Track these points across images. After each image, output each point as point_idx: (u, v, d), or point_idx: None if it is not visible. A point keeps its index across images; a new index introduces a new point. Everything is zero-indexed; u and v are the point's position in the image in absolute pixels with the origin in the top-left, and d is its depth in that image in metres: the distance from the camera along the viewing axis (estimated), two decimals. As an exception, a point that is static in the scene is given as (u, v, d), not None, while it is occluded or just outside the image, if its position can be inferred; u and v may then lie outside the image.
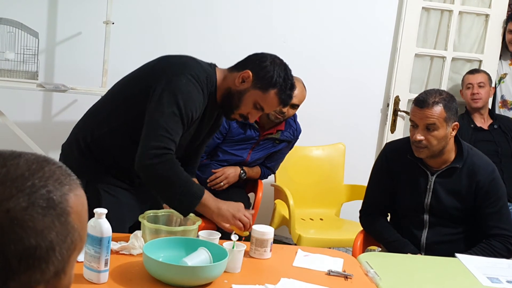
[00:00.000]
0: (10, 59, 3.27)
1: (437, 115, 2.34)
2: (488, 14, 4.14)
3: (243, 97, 2.12)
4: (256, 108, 2.14)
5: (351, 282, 1.94)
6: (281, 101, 2.13)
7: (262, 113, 2.19)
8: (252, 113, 2.15)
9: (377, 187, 2.61)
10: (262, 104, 2.12)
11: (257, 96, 2.11)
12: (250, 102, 2.12)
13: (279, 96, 2.11)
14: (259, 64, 2.12)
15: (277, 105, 2.15)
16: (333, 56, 4.10)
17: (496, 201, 2.45)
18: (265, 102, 2.12)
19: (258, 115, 2.18)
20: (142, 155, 1.98)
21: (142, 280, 1.73)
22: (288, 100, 2.15)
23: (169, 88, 2.03)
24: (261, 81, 2.10)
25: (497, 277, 2.09)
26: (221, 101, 2.17)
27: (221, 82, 2.16)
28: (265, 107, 2.13)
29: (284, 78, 2.11)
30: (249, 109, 2.14)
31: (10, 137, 3.42)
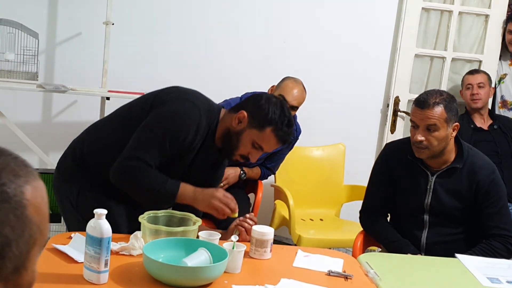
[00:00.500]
0: (10, 60, 3.27)
1: (438, 115, 2.34)
2: (488, 15, 4.15)
3: (241, 137, 2.13)
4: (255, 148, 2.14)
5: (351, 282, 1.94)
6: (278, 139, 2.12)
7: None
8: (252, 153, 2.15)
9: (377, 188, 2.61)
10: (259, 143, 2.12)
11: (254, 135, 2.11)
12: (248, 142, 2.12)
13: (276, 133, 2.11)
14: (254, 104, 2.14)
15: (275, 143, 2.13)
16: (333, 56, 4.10)
17: (496, 201, 2.45)
18: (262, 140, 2.12)
19: (258, 155, 2.17)
20: (112, 171, 2.10)
21: (142, 281, 1.73)
22: (286, 137, 2.14)
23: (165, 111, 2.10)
24: (256, 120, 2.11)
25: (497, 277, 2.10)
26: (221, 142, 2.18)
27: (221, 121, 2.18)
28: (263, 146, 2.13)
29: (279, 115, 2.10)
30: (248, 149, 2.14)
31: (10, 138, 3.42)
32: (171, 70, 3.87)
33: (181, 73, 3.87)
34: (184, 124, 2.09)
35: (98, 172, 2.19)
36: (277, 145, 2.15)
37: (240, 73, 3.95)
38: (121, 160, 2.09)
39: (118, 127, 2.22)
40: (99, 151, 2.21)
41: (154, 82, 3.73)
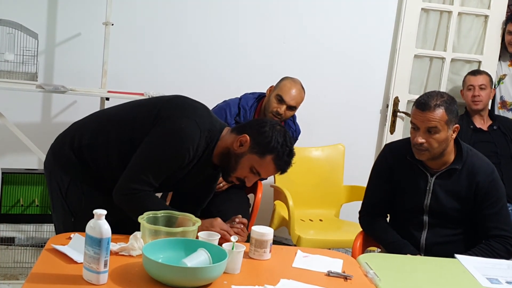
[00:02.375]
0: (9, 60, 3.27)
1: (439, 118, 2.34)
2: (487, 15, 4.15)
3: (240, 161, 2.12)
4: (252, 173, 2.13)
5: (351, 283, 1.94)
6: (277, 167, 2.12)
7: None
8: (249, 177, 2.15)
9: (376, 188, 2.61)
10: (258, 169, 2.12)
11: (253, 161, 2.11)
12: (247, 166, 2.12)
13: (276, 162, 2.10)
14: (258, 129, 2.13)
15: (273, 171, 2.13)
16: (332, 56, 4.10)
17: (496, 202, 2.45)
18: (261, 167, 2.11)
19: (255, 179, 2.17)
20: (117, 191, 2.11)
21: (142, 281, 1.73)
22: (285, 167, 2.13)
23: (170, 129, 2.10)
24: (258, 146, 2.10)
25: (497, 278, 2.10)
26: (219, 160, 2.18)
27: (222, 140, 2.19)
28: (261, 172, 2.13)
29: (282, 144, 2.10)
30: (245, 173, 2.14)
31: (10, 138, 3.42)
32: (170, 70, 3.87)
33: (181, 73, 3.87)
34: (185, 147, 2.09)
35: (93, 166, 2.19)
36: (274, 173, 2.15)
37: (240, 74, 3.95)
38: (126, 181, 2.09)
39: (120, 126, 2.21)
40: (98, 147, 2.20)
41: (154, 83, 3.75)
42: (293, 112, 3.32)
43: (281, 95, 3.23)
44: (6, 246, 3.49)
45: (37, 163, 3.66)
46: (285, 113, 3.24)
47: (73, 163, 2.21)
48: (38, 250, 3.28)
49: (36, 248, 3.34)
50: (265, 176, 2.17)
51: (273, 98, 3.23)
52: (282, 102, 3.22)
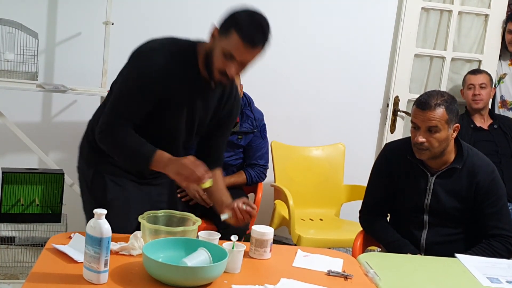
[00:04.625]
0: (9, 60, 3.27)
1: (439, 117, 2.34)
2: (487, 14, 4.15)
3: (214, 52, 2.03)
4: (226, 58, 2.00)
5: (351, 282, 1.94)
6: (243, 39, 1.96)
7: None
8: (226, 64, 2.01)
9: (376, 188, 2.61)
10: (228, 49, 1.98)
11: (223, 44, 2.00)
12: (220, 53, 2.01)
13: (240, 34, 1.96)
14: (223, 16, 2.06)
15: (242, 46, 1.96)
16: (332, 56, 4.10)
17: (496, 201, 2.45)
18: (230, 45, 1.98)
19: (234, 66, 2.01)
20: (96, 133, 2.13)
21: (142, 281, 1.73)
22: (252, 37, 1.96)
23: (128, 68, 2.13)
24: (223, 28, 2.01)
25: (497, 277, 2.10)
26: (205, 71, 2.10)
27: (200, 52, 2.12)
28: (232, 52, 1.98)
29: (243, 17, 1.98)
30: (221, 62, 2.02)
31: (10, 138, 3.42)
32: (170, 70, 3.86)
33: (181, 73, 3.87)
34: (144, 64, 2.07)
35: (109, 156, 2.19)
36: (245, 48, 1.97)
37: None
38: (101, 120, 2.11)
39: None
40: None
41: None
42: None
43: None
44: (6, 245, 3.49)
45: (37, 162, 3.66)
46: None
47: (94, 155, 2.23)
48: (38, 250, 3.28)
49: (36, 247, 3.34)
50: (238, 56, 1.99)
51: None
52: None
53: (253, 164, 3.41)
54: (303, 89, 4.08)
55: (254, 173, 3.39)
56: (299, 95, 4.08)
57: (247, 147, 3.39)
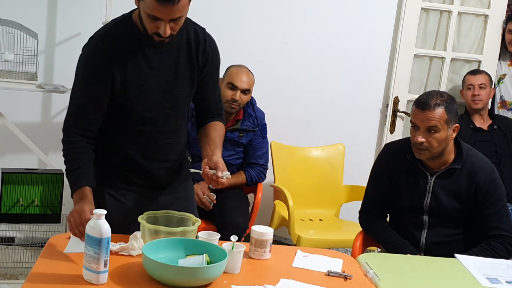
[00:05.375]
0: (9, 60, 3.27)
1: (439, 117, 2.34)
2: (487, 15, 4.15)
3: (142, 16, 1.94)
4: (151, 19, 1.90)
5: (351, 282, 1.94)
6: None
7: (160, 25, 1.89)
8: (156, 26, 1.90)
9: (376, 188, 2.61)
10: (148, 12, 1.88)
11: (142, 7, 1.90)
12: (145, 16, 1.91)
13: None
14: None
15: (158, 5, 1.84)
16: (332, 56, 4.10)
17: (496, 201, 2.45)
18: (148, 8, 1.87)
19: (162, 25, 1.89)
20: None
21: (142, 281, 1.73)
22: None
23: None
24: None
25: (497, 278, 2.10)
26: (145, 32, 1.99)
27: (136, 18, 2.02)
28: (153, 14, 1.88)
29: None
30: (149, 24, 1.92)
31: (10, 138, 3.42)
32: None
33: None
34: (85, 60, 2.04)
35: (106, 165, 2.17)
36: (162, 6, 1.85)
37: (239, 73, 3.95)
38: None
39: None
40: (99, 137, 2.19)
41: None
42: (248, 96, 3.33)
43: (232, 82, 3.27)
44: (6, 245, 3.49)
45: (37, 163, 3.66)
46: (241, 98, 3.27)
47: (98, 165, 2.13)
48: (38, 250, 3.28)
49: (36, 248, 3.34)
50: (160, 15, 1.88)
51: (225, 88, 3.27)
52: (234, 89, 3.26)
53: (253, 163, 3.40)
54: (303, 89, 4.08)
55: (254, 173, 3.39)
56: (299, 96, 4.08)
57: (248, 146, 3.40)
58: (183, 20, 1.96)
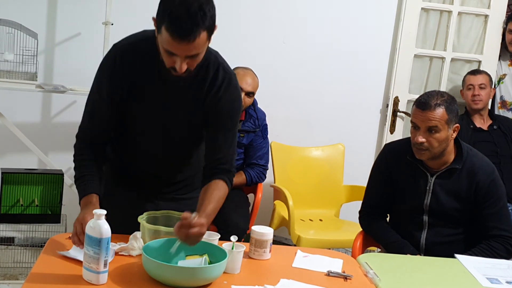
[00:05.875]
0: (9, 60, 3.27)
1: (439, 117, 2.34)
2: (487, 15, 4.15)
3: (160, 48, 1.85)
4: (167, 53, 1.82)
5: (351, 283, 1.94)
6: (170, 34, 1.75)
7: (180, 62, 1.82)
8: (173, 60, 1.83)
9: (376, 188, 2.61)
10: (165, 47, 1.81)
11: (160, 41, 1.82)
12: (162, 50, 1.84)
13: (168, 29, 1.76)
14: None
15: (175, 42, 1.77)
16: (332, 56, 4.10)
17: (496, 201, 2.45)
18: (165, 43, 1.79)
19: (179, 61, 1.81)
20: None
21: (142, 281, 1.73)
22: (177, 29, 1.74)
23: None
24: (157, 23, 1.81)
25: (497, 278, 2.10)
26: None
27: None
28: (170, 49, 1.80)
29: (168, 6, 1.76)
30: (166, 58, 1.85)
31: (9, 138, 3.42)
32: (170, 70, 3.87)
33: (181, 73, 3.87)
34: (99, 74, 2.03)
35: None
36: (178, 43, 1.77)
37: (239, 73, 3.95)
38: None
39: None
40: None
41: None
42: (251, 98, 3.34)
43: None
44: (6, 246, 3.49)
45: (37, 163, 3.66)
46: (245, 101, 3.26)
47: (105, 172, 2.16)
48: (38, 250, 3.27)
49: (36, 248, 3.34)
50: (176, 51, 1.80)
51: None
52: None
53: (253, 163, 3.40)
54: (303, 90, 4.08)
55: (254, 174, 3.39)
56: (299, 96, 4.08)
57: (248, 146, 3.40)
58: (201, 56, 1.87)
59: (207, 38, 1.82)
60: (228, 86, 2.03)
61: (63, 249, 1.88)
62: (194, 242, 1.78)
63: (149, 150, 2.13)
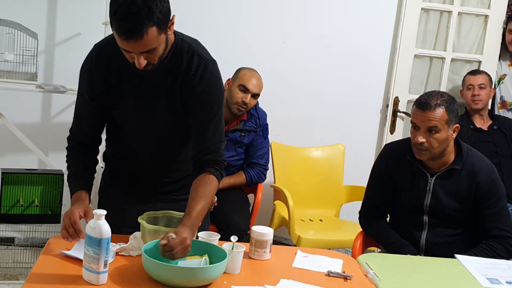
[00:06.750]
0: (9, 60, 3.27)
1: (439, 117, 2.34)
2: (487, 15, 4.15)
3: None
4: (124, 51, 1.83)
5: (351, 283, 1.94)
6: (118, 34, 1.76)
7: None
8: (132, 56, 1.83)
9: (376, 188, 2.61)
10: (119, 44, 1.81)
11: (116, 39, 1.81)
12: (121, 47, 1.83)
13: (114, 28, 1.77)
14: None
15: (124, 41, 1.76)
16: (332, 56, 4.10)
17: (496, 202, 2.45)
18: (118, 41, 1.80)
19: (139, 58, 1.81)
20: None
21: (142, 281, 1.73)
22: (121, 28, 1.74)
23: None
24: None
25: (497, 278, 2.10)
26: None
27: None
28: (119, 44, 1.80)
29: (115, 7, 1.75)
30: (125, 54, 1.84)
31: (10, 138, 3.42)
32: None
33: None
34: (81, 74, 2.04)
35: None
36: (127, 42, 1.76)
37: (239, 74, 3.95)
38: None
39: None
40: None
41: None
42: (256, 100, 3.35)
43: (244, 85, 3.27)
44: (6, 246, 3.49)
45: (37, 163, 3.66)
46: (250, 102, 3.27)
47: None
48: (38, 250, 3.27)
49: (36, 248, 3.34)
50: (129, 49, 1.80)
51: (236, 89, 3.27)
52: (246, 91, 3.27)
53: (253, 163, 3.40)
54: (303, 90, 4.08)
55: (254, 173, 3.39)
56: (299, 96, 4.08)
57: (249, 145, 3.40)
58: (160, 49, 1.84)
59: (158, 32, 1.78)
60: (204, 73, 1.97)
61: (63, 249, 1.88)
62: (184, 254, 1.76)
63: (140, 146, 2.13)
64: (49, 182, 3.20)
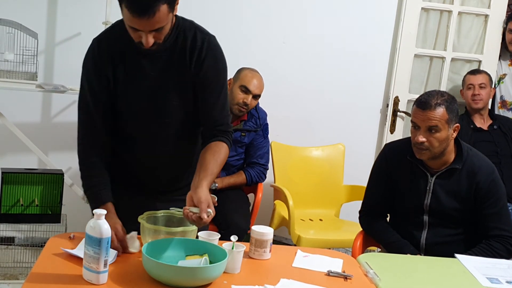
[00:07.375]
0: (9, 60, 3.27)
1: (439, 117, 2.34)
2: (487, 15, 4.15)
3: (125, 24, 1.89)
4: (131, 29, 1.86)
5: (351, 282, 1.94)
6: (130, 11, 1.79)
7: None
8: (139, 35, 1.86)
9: (376, 188, 2.61)
10: (126, 21, 1.84)
11: (124, 18, 1.86)
12: (127, 25, 1.87)
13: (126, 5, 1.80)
14: None
15: (134, 19, 1.80)
16: (332, 56, 4.10)
17: (496, 201, 2.45)
18: (127, 20, 1.84)
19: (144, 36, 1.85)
20: None
21: (142, 281, 1.73)
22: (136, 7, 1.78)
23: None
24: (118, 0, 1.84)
25: (497, 278, 2.10)
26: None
27: None
28: (132, 26, 1.84)
29: None
30: (132, 34, 1.88)
31: (10, 138, 3.42)
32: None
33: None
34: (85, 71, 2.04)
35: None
36: (138, 19, 1.80)
37: (239, 73, 3.95)
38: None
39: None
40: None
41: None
42: (257, 100, 3.35)
43: (245, 86, 3.28)
44: (6, 246, 3.49)
45: (37, 163, 3.66)
46: (251, 103, 3.27)
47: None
48: (38, 250, 3.27)
49: (36, 248, 3.34)
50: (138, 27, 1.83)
51: (237, 89, 3.27)
52: (247, 92, 3.27)
53: (254, 163, 3.40)
54: (303, 89, 4.08)
55: (254, 173, 3.39)
56: (299, 95, 4.08)
57: (249, 145, 3.40)
58: (167, 28, 1.90)
59: (168, 10, 1.84)
60: (209, 46, 2.05)
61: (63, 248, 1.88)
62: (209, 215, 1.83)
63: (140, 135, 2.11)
64: (49, 182, 3.20)
